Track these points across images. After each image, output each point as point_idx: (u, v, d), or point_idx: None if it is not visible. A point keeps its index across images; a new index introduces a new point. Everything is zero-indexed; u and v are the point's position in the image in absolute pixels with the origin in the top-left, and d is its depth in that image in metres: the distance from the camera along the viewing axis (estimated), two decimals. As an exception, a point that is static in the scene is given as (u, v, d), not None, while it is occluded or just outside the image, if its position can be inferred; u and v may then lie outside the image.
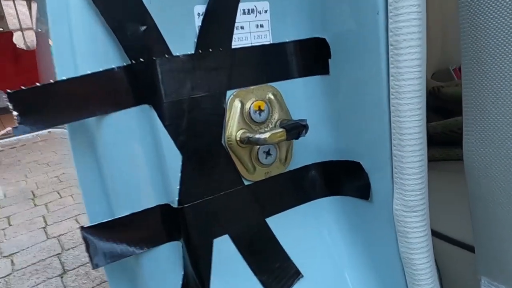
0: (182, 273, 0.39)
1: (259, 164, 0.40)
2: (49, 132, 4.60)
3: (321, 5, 0.39)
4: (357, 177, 0.41)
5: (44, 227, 2.18)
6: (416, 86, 0.33)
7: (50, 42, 0.41)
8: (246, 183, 0.40)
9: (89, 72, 0.35)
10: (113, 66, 0.36)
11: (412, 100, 0.33)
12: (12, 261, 1.87)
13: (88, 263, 1.78)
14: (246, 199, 0.40)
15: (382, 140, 0.37)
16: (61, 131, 4.73)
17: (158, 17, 0.34)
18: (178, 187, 0.36)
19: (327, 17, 0.39)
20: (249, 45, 0.39)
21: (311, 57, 0.41)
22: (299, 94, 0.42)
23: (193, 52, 0.36)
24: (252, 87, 0.40)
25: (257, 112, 0.39)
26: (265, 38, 0.40)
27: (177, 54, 0.36)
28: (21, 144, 4.24)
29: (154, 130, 0.36)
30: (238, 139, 0.38)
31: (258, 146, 0.39)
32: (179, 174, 0.36)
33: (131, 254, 0.37)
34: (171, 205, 0.38)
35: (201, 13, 0.36)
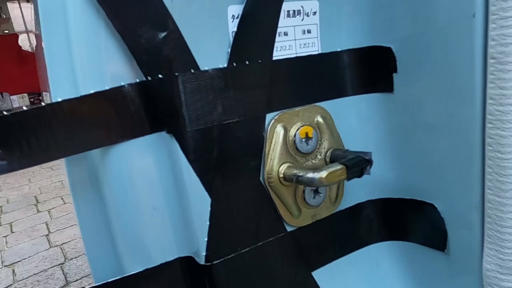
0: None
1: (305, 206, 0.32)
2: (53, 134, 4.55)
3: (388, 4, 0.30)
4: (429, 221, 0.32)
5: (47, 235, 2.12)
6: (527, 113, 0.24)
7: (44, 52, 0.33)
8: (289, 229, 0.32)
9: (91, 91, 0.27)
10: (122, 83, 0.28)
11: (521, 132, 0.25)
12: (13, 271, 1.81)
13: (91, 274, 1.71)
14: (289, 250, 0.32)
15: (469, 179, 0.29)
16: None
17: (182, 20, 0.26)
18: (206, 238, 0.28)
19: (395, 21, 0.31)
20: (294, 55, 0.31)
21: (370, 70, 0.33)
22: (352, 116, 0.34)
23: (225, 65, 0.28)
24: (297, 109, 0.31)
25: (304, 140, 0.31)
26: (312, 46, 0.32)
27: (206, 68, 0.27)
28: (25, 146, 4.19)
29: (175, 165, 0.28)
30: (281, 175, 0.30)
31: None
32: (207, 223, 0.28)
33: (145, 320, 0.29)
34: (196, 259, 0.30)
35: (236, 16, 0.28)
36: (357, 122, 0.34)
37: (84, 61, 0.28)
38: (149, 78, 0.27)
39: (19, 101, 7.14)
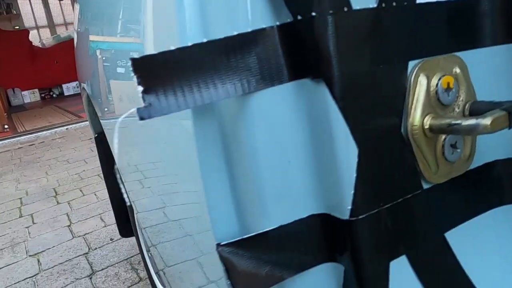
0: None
1: (444, 162, 0.30)
2: (66, 129, 4.57)
3: None
4: None
5: (68, 225, 2.12)
6: None
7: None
8: (425, 186, 0.30)
9: (231, 33, 0.25)
10: (263, 26, 0.26)
11: None
12: (38, 261, 1.81)
13: (117, 263, 1.71)
14: (425, 208, 0.30)
15: None
16: (79, 127, 4.66)
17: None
18: (352, 191, 0.26)
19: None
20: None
21: (512, 18, 0.31)
22: (487, 69, 0.32)
23: (375, 5, 0.26)
24: (437, 57, 0.29)
25: (446, 91, 0.29)
26: (452, -9, 0.30)
27: (357, 7, 0.26)
28: (39, 141, 4.21)
29: (320, 113, 0.26)
30: (426, 126, 0.28)
31: (443, 138, 0.29)
32: (354, 174, 0.26)
33: (280, 280, 0.28)
34: (335, 215, 0.28)
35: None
36: (493, 75, 0.32)
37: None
38: (299, 18, 0.25)
39: (30, 97, 7.17)
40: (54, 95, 7.30)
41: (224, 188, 0.30)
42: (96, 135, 1.33)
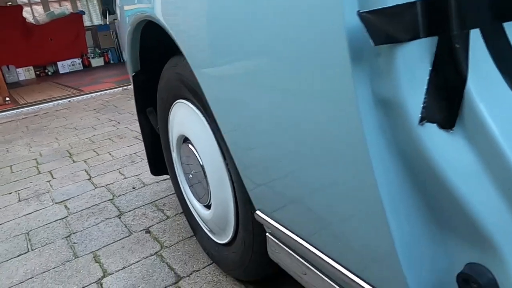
0: (430, 69, 0.43)
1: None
2: (69, 101, 4.60)
3: None
4: None
5: (89, 179, 2.20)
6: None
7: None
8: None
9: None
10: None
11: None
12: (65, 206, 1.89)
13: (143, 206, 1.81)
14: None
15: None
16: (82, 99, 4.65)
17: None
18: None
19: None
20: None
21: None
22: None
23: None
24: None
25: None
26: None
27: None
28: (43, 112, 4.25)
29: None
30: None
31: None
32: None
33: (398, 41, 0.41)
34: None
35: None
36: None
37: None
38: None
39: (25, 74, 7.12)
40: (49, 73, 7.28)
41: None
42: (134, 73, 1.42)
